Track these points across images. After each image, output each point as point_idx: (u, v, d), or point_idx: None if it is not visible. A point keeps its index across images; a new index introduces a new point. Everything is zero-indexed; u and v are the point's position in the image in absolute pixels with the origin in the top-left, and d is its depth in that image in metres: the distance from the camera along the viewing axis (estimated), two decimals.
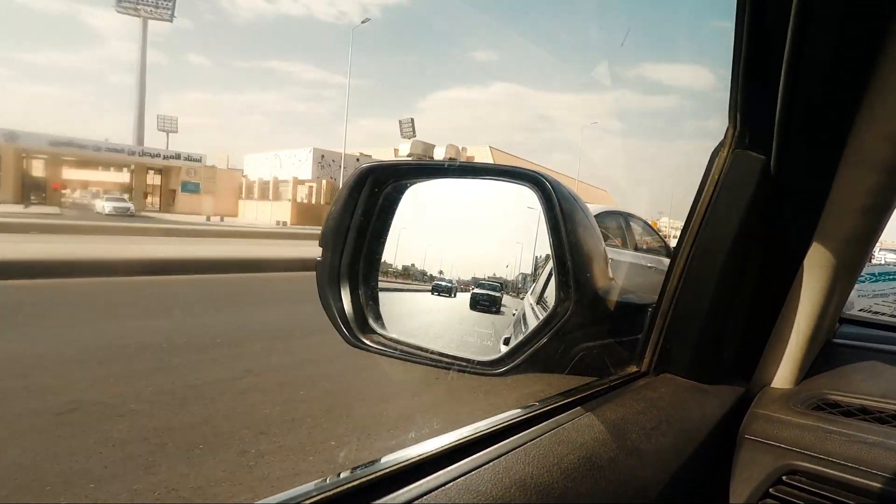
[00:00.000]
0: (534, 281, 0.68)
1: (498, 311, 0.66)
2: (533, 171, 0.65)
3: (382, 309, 0.74)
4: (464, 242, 0.76)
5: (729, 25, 0.59)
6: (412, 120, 41.90)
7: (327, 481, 0.39)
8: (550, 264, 0.63)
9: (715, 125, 0.71)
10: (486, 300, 0.66)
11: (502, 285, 0.66)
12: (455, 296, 0.67)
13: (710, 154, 0.72)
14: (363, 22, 41.85)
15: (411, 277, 0.73)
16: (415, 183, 0.77)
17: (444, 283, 0.68)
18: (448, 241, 0.77)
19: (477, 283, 0.67)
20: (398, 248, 0.75)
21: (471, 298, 0.66)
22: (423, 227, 0.80)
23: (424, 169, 0.79)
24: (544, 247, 0.63)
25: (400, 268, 0.74)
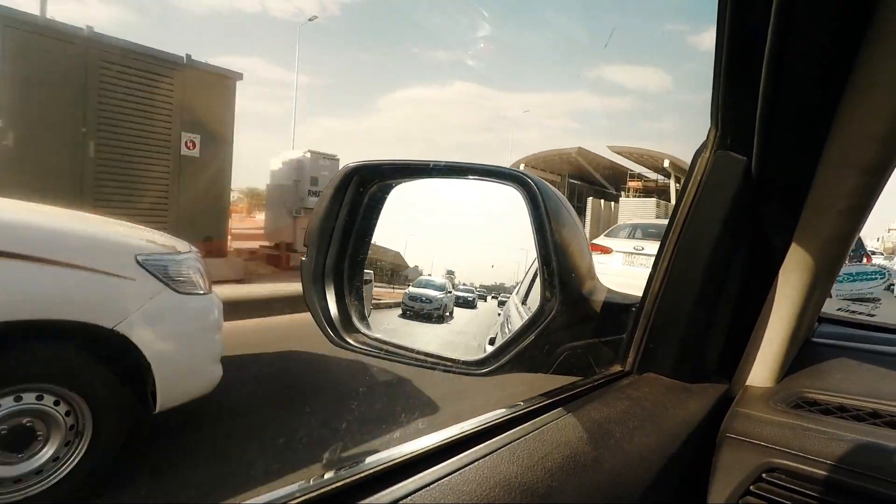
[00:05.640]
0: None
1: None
2: (518, 171, 0.65)
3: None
4: (451, 243, 0.76)
5: (711, 26, 0.59)
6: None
7: (311, 482, 0.39)
8: (535, 264, 0.64)
9: (698, 126, 0.71)
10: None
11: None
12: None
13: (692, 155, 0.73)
14: (310, 20, 39.75)
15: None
16: (400, 183, 0.77)
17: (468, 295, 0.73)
18: (437, 242, 0.77)
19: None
20: (406, 253, 0.76)
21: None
22: (409, 228, 0.79)
23: (410, 169, 0.79)
24: (529, 247, 0.63)
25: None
